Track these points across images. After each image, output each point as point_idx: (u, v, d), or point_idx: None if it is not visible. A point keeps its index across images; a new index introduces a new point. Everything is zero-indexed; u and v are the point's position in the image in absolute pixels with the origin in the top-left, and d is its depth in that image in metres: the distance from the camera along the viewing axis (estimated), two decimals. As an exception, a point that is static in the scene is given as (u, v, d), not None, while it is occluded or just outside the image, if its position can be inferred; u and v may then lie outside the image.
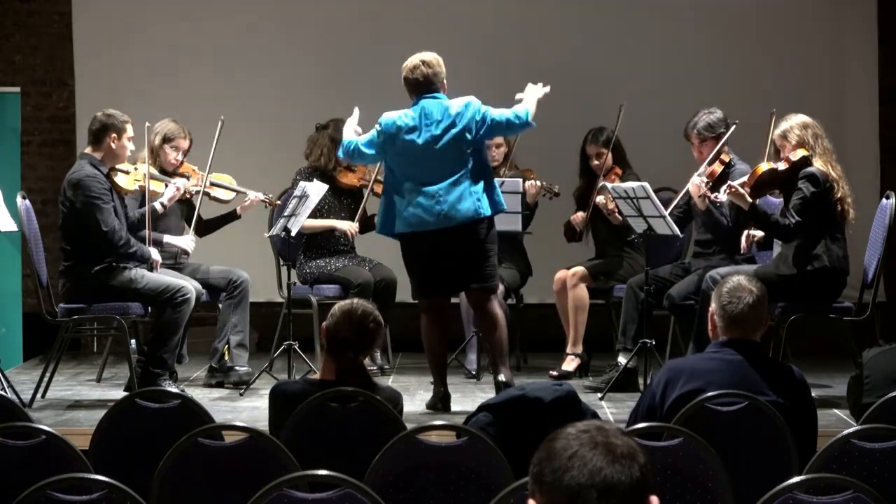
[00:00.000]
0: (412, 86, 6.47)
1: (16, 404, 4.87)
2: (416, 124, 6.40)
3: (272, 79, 9.25)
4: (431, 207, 6.34)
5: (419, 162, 6.38)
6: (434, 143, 6.37)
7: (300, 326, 7.39)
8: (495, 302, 6.59)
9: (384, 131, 6.45)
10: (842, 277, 6.56)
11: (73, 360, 8.53)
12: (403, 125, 6.42)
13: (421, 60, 6.46)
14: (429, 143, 6.38)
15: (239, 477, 3.89)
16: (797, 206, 6.43)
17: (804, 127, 6.56)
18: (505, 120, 6.45)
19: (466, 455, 3.97)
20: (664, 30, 9.24)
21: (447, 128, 6.38)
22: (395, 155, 6.45)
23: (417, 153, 6.39)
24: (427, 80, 6.44)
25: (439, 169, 6.36)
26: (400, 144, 6.41)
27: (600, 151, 7.66)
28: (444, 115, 6.39)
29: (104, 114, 6.83)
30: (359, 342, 4.50)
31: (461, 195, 6.34)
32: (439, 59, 6.49)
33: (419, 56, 6.49)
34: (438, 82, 6.46)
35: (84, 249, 6.73)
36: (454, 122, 6.38)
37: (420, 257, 6.46)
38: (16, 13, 9.54)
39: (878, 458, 3.92)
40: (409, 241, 6.47)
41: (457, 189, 6.35)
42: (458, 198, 6.34)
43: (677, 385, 4.29)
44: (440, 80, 6.47)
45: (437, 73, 6.46)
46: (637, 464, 2.11)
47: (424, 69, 6.44)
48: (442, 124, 6.38)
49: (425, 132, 6.39)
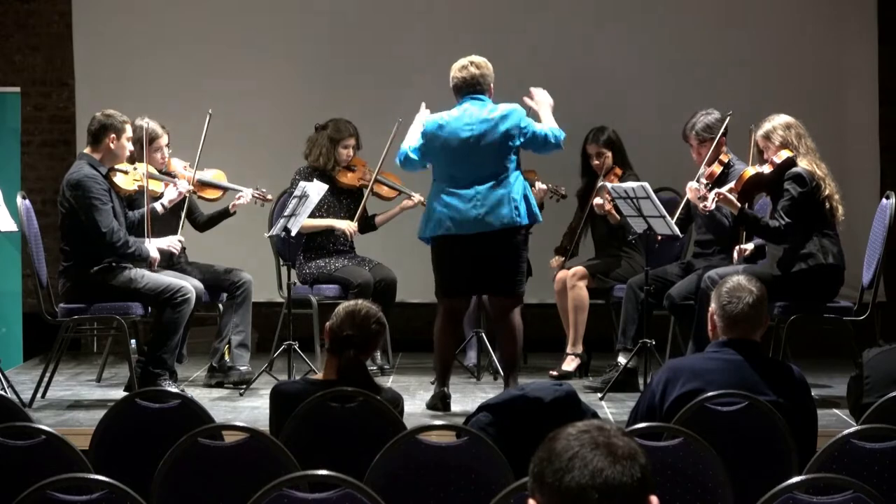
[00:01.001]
0: (458, 84, 6.44)
1: (16, 404, 4.87)
2: (458, 124, 6.38)
3: (272, 79, 9.25)
4: (468, 211, 6.32)
5: (458, 161, 6.36)
6: (475, 143, 6.35)
7: (300, 326, 7.39)
8: (517, 313, 6.57)
9: (427, 132, 6.45)
10: (838, 273, 6.56)
11: (73, 360, 8.53)
12: (445, 124, 6.40)
13: (470, 61, 6.45)
14: (470, 142, 6.35)
15: (239, 477, 3.89)
16: (786, 208, 6.44)
17: (787, 127, 6.56)
18: (543, 135, 6.44)
19: (466, 455, 3.97)
20: (664, 30, 9.24)
21: (489, 130, 6.35)
22: (436, 155, 6.43)
23: (457, 152, 6.36)
24: (474, 80, 6.41)
25: (479, 170, 6.34)
26: (441, 144, 6.39)
27: (601, 151, 7.67)
28: (488, 117, 6.37)
29: (103, 114, 6.82)
30: (361, 343, 4.51)
31: (500, 200, 6.32)
32: (489, 64, 6.48)
33: (470, 57, 6.48)
34: (485, 85, 6.45)
35: (83, 249, 6.73)
36: (497, 126, 6.36)
37: (452, 260, 6.43)
38: (16, 13, 9.54)
39: (878, 458, 3.91)
40: (443, 243, 6.44)
41: (496, 193, 6.33)
42: (497, 202, 6.32)
43: (677, 385, 4.29)
44: (487, 83, 6.45)
45: (485, 76, 6.44)
46: (638, 464, 2.11)
47: (472, 70, 6.42)
48: (484, 126, 6.36)
49: (467, 131, 6.37)
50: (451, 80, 6.48)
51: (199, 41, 9.28)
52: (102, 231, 6.65)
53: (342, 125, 7.83)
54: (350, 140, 7.83)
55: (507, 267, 6.45)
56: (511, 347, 6.56)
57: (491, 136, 6.35)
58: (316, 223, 7.70)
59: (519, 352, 6.64)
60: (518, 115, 6.42)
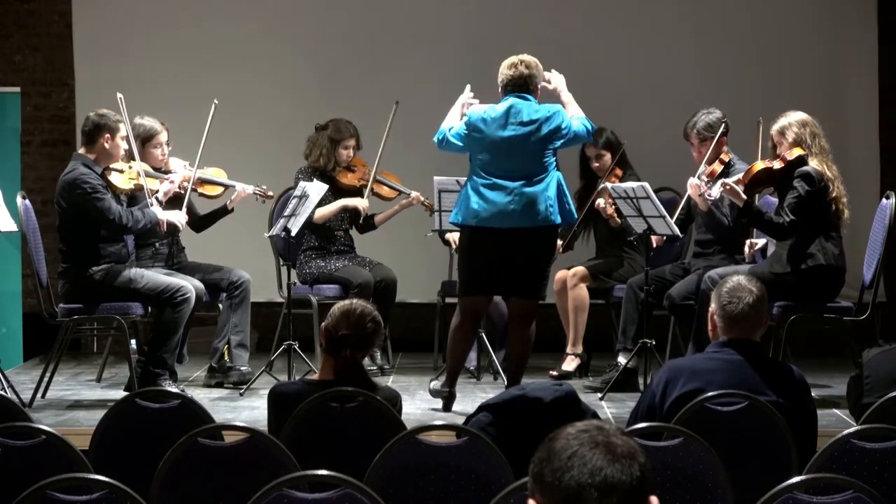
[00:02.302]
0: (507, 81, 6.40)
1: (16, 404, 4.87)
2: (503, 120, 6.35)
3: (272, 78, 9.25)
4: (505, 205, 6.30)
5: (499, 157, 6.33)
6: (518, 143, 6.33)
7: (300, 326, 7.39)
8: (533, 319, 6.56)
9: (470, 124, 6.41)
10: (838, 275, 6.56)
11: (73, 360, 8.53)
12: (490, 118, 6.37)
13: (520, 60, 6.41)
14: (512, 141, 6.33)
15: (239, 477, 3.89)
16: (792, 205, 6.44)
17: (803, 125, 6.56)
18: (577, 131, 6.44)
19: (466, 455, 3.97)
20: (665, 30, 9.24)
21: (534, 131, 6.33)
22: (478, 148, 6.41)
23: (499, 148, 6.34)
24: (523, 79, 6.38)
25: (519, 168, 6.32)
26: (483, 137, 6.37)
27: (600, 153, 7.67)
28: (533, 115, 6.35)
29: (97, 114, 6.81)
30: (357, 342, 4.50)
31: (536, 197, 6.30)
32: (539, 64, 6.45)
33: (520, 56, 6.44)
34: (533, 85, 6.42)
35: (81, 250, 6.73)
36: (541, 126, 6.34)
37: (481, 254, 6.39)
38: (16, 13, 9.54)
39: (878, 458, 3.91)
40: (475, 235, 6.40)
41: (533, 190, 6.30)
42: (533, 199, 6.29)
43: (677, 385, 4.29)
44: (535, 83, 6.42)
45: (534, 76, 6.42)
46: (637, 463, 2.11)
47: (522, 69, 6.39)
48: (529, 127, 6.33)
49: (511, 129, 6.34)
50: (499, 75, 6.43)
51: (200, 41, 9.27)
52: (111, 218, 6.65)
53: (342, 126, 7.83)
54: (350, 141, 7.83)
55: (535, 267, 6.41)
56: (520, 354, 6.54)
57: (534, 136, 6.33)
58: (328, 209, 7.68)
59: (526, 359, 6.60)
60: (561, 117, 6.39)
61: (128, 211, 6.75)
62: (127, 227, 6.71)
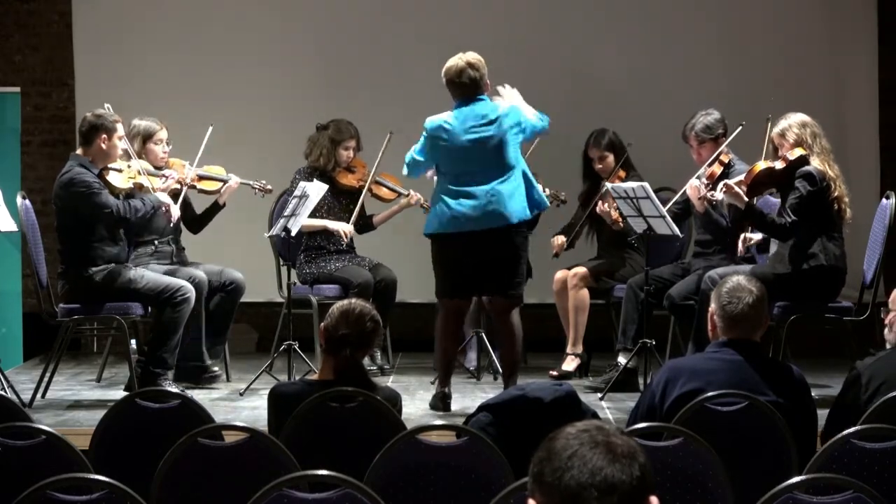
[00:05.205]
0: (458, 89, 6.41)
1: (16, 404, 4.87)
2: (464, 127, 6.37)
3: (273, 78, 9.25)
4: (484, 207, 6.32)
5: (468, 163, 6.36)
6: (481, 145, 6.35)
7: (300, 326, 7.39)
8: (517, 314, 6.57)
9: (431, 131, 6.43)
10: (839, 276, 6.56)
11: (73, 360, 8.53)
12: (450, 127, 6.39)
13: (467, 63, 6.40)
14: (475, 144, 6.36)
15: (239, 477, 3.89)
16: (794, 205, 6.44)
17: (803, 125, 6.56)
18: (535, 124, 6.51)
19: (466, 455, 3.97)
20: (665, 31, 9.24)
21: (495, 130, 6.36)
22: (443, 156, 6.43)
23: (466, 154, 6.37)
24: (474, 83, 6.40)
25: (485, 169, 6.35)
26: (445, 145, 6.39)
27: (602, 155, 7.67)
28: (492, 117, 6.38)
29: (93, 114, 6.81)
30: (357, 341, 4.50)
31: (511, 195, 6.34)
32: (481, 59, 6.45)
33: (464, 59, 6.42)
34: (483, 84, 6.44)
35: (80, 251, 6.73)
36: (500, 126, 6.37)
37: (455, 258, 6.43)
38: (16, 13, 9.54)
39: (878, 458, 3.91)
40: (447, 240, 6.43)
41: (506, 189, 6.34)
42: (508, 197, 6.33)
43: (677, 385, 4.29)
44: (485, 82, 6.45)
45: (483, 76, 6.43)
46: (637, 463, 2.11)
47: (472, 73, 6.40)
48: (489, 128, 6.36)
49: (473, 133, 6.37)
50: (447, 82, 6.43)
51: (200, 41, 9.27)
52: (109, 212, 6.65)
53: (343, 126, 7.83)
54: (351, 141, 7.83)
55: (510, 265, 6.45)
56: (510, 349, 6.56)
57: (496, 136, 6.36)
58: (312, 223, 7.67)
59: (518, 353, 6.63)
60: (518, 111, 6.44)
61: (125, 203, 6.74)
62: (127, 218, 6.71)
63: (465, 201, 6.35)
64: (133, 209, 6.72)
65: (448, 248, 6.46)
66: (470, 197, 6.34)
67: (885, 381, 5.80)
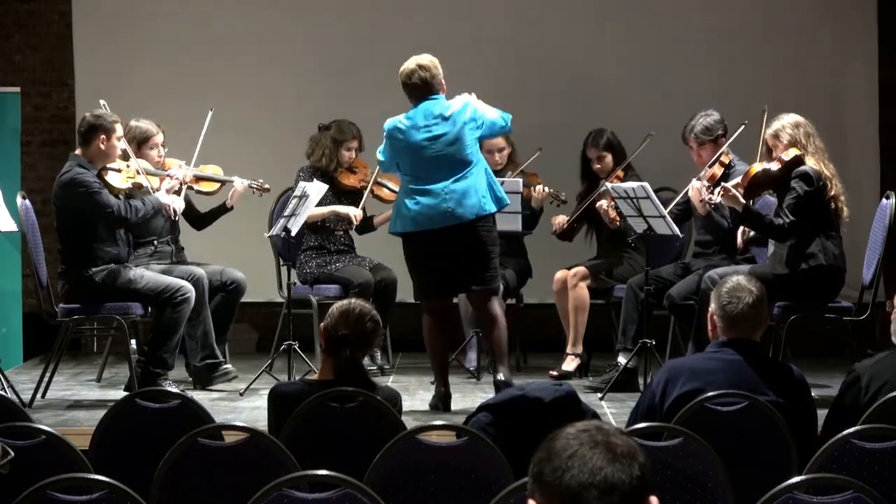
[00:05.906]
0: (410, 90, 6.50)
1: (16, 404, 4.87)
2: (417, 125, 6.44)
3: (273, 78, 9.25)
4: (438, 205, 6.37)
5: (423, 161, 6.42)
6: (436, 142, 6.42)
7: (300, 326, 7.39)
8: (495, 302, 6.62)
9: (388, 132, 6.52)
10: (839, 275, 6.56)
11: (73, 360, 8.53)
12: (405, 127, 6.46)
13: (417, 65, 6.47)
14: (432, 142, 6.41)
15: (239, 477, 3.89)
16: (791, 206, 6.44)
17: (796, 126, 6.56)
18: (494, 120, 6.55)
19: (466, 455, 3.97)
20: (664, 31, 9.24)
21: (449, 128, 6.41)
22: (402, 154, 6.49)
23: (421, 153, 6.42)
24: (425, 83, 6.46)
25: (444, 167, 6.41)
26: (404, 146, 6.45)
27: (601, 155, 7.67)
28: (445, 114, 6.43)
29: (92, 114, 6.81)
30: (357, 341, 4.50)
31: (466, 192, 6.39)
32: (436, 62, 6.51)
33: (415, 60, 6.50)
34: (437, 84, 6.49)
35: (80, 251, 6.72)
36: (455, 122, 6.43)
37: (423, 258, 6.49)
38: (16, 13, 9.54)
39: (878, 458, 3.91)
40: (413, 240, 6.49)
41: (461, 186, 6.39)
42: (463, 195, 6.38)
43: (677, 385, 4.30)
44: (438, 81, 6.49)
45: (435, 76, 6.48)
46: (637, 463, 2.11)
47: (422, 73, 6.46)
48: (443, 124, 6.43)
49: (426, 132, 6.42)
50: (402, 85, 6.50)
51: (200, 41, 9.27)
52: (109, 212, 6.65)
53: (345, 127, 7.83)
54: (353, 142, 7.83)
55: (480, 259, 6.47)
56: (493, 335, 6.59)
57: (451, 133, 6.42)
58: (319, 210, 7.65)
59: (502, 337, 6.59)
60: (472, 107, 6.49)
61: (126, 203, 6.74)
62: (127, 219, 6.71)
63: (421, 200, 6.40)
64: (134, 209, 6.73)
65: (412, 247, 6.52)
66: (427, 195, 6.40)
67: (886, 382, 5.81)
